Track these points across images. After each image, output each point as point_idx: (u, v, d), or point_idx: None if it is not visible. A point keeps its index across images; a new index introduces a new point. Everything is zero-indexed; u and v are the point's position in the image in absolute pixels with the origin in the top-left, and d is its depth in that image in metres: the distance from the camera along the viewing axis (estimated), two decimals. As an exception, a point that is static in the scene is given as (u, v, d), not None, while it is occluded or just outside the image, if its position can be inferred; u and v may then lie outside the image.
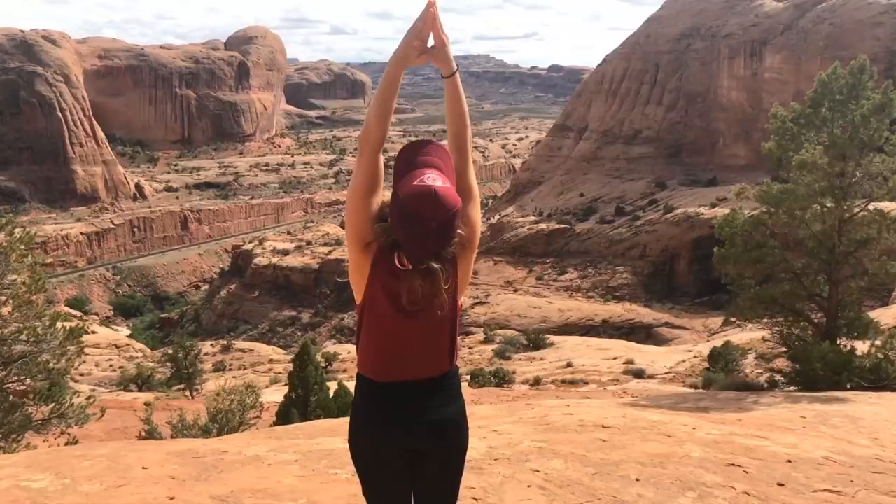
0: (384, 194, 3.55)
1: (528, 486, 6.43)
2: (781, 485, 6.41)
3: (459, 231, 3.38)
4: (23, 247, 17.06)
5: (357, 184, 3.48)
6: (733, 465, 6.98)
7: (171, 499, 7.05)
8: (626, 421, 9.08)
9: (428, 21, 3.39)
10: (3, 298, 16.68)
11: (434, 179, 3.23)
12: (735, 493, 6.19)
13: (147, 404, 34.45)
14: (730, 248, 16.93)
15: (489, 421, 10.97)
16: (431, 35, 3.45)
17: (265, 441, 10.82)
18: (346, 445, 3.76)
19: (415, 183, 3.22)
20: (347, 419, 3.84)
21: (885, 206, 16.30)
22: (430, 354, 3.55)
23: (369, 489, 3.73)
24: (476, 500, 6.17)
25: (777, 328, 18.25)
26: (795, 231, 16.78)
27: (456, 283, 3.50)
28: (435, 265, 3.33)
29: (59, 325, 17.72)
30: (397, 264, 3.35)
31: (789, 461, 7.12)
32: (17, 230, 17.08)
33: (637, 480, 6.53)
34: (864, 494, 6.25)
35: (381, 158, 3.49)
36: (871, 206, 16.07)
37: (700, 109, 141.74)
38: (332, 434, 11.51)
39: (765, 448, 7.57)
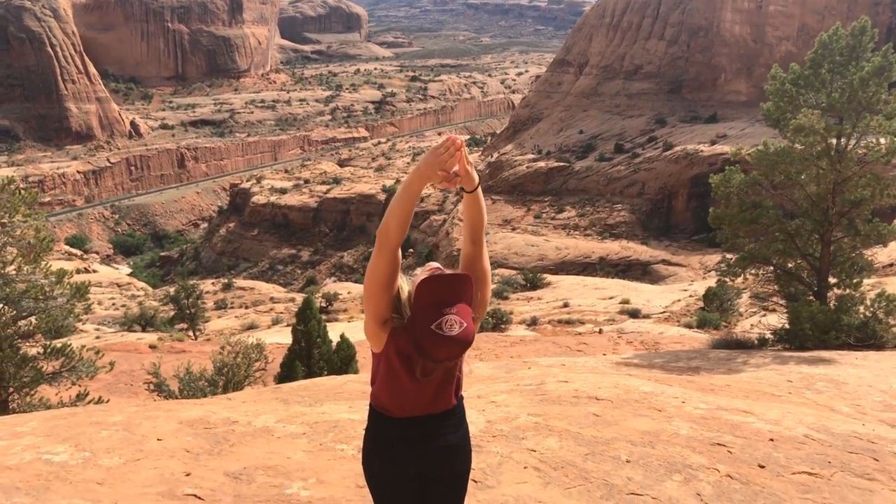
0: (403, 280, 3.84)
1: (525, 468, 6.83)
2: (762, 466, 6.81)
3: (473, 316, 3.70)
4: (24, 207, 17.29)
5: (377, 277, 3.73)
6: (719, 444, 7.38)
7: (188, 475, 7.43)
8: (619, 392, 9.49)
9: (455, 158, 3.59)
10: (10, 258, 16.99)
11: (452, 326, 3.54)
12: (718, 476, 6.59)
13: (152, 347, 35.24)
14: (725, 208, 17.17)
15: (487, 386, 11.39)
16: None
17: (272, 405, 11.25)
18: (351, 416, 4.12)
19: (433, 327, 3.54)
20: (349, 377, 4.26)
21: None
22: (438, 398, 3.92)
23: None
24: (475, 481, 6.57)
25: (769, 274, 18.57)
26: (791, 191, 16.97)
27: None
28: None
29: (65, 281, 18.11)
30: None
31: (772, 440, 7.51)
32: (22, 190, 17.25)
33: (627, 462, 6.93)
34: (839, 477, 6.65)
35: (400, 253, 3.75)
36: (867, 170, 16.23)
37: (702, 44, 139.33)
38: (336, 398, 11.96)
39: (749, 425, 7.97)
